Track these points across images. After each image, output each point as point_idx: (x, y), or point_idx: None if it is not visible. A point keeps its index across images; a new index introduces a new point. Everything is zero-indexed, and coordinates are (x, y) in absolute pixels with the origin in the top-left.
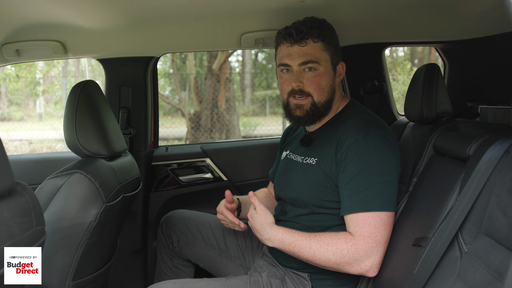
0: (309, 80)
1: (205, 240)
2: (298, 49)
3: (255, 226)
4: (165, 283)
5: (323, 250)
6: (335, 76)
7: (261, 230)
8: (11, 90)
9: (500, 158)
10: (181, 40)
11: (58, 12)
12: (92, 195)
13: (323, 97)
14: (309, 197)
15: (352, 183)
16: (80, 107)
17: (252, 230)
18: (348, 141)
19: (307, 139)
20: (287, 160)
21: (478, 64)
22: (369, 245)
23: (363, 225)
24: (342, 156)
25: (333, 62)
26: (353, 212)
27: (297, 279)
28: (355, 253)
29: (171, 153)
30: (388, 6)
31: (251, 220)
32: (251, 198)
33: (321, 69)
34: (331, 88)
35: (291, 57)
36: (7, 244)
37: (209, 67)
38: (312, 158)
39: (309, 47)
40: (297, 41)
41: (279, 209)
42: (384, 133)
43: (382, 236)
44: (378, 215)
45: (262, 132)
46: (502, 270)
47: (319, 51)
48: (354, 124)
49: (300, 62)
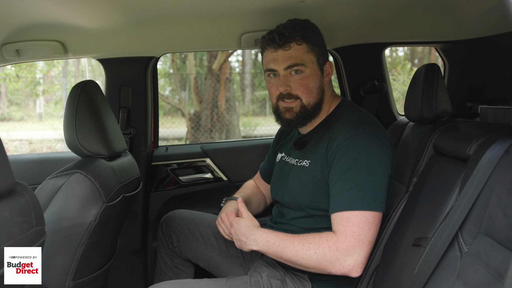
0: (296, 83)
1: (205, 240)
2: (282, 53)
3: (241, 229)
4: (165, 283)
5: (305, 249)
6: (323, 76)
7: (247, 232)
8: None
9: (500, 158)
10: (181, 40)
11: (58, 12)
12: (92, 195)
13: (312, 98)
14: (304, 200)
15: (339, 182)
16: (80, 107)
17: (236, 235)
18: (338, 140)
19: (301, 142)
20: (283, 163)
21: (478, 64)
22: (351, 244)
23: (346, 224)
24: (331, 155)
25: (320, 63)
26: (338, 211)
27: (297, 279)
28: (336, 251)
29: (171, 153)
30: (388, 6)
31: (236, 225)
32: (239, 204)
33: (308, 71)
34: (320, 89)
35: (276, 62)
36: (7, 244)
37: (209, 67)
38: (306, 161)
39: (293, 50)
40: (281, 45)
41: (276, 211)
42: (374, 132)
43: (366, 236)
44: (363, 214)
45: (262, 132)
46: (502, 270)
47: (303, 53)
48: (344, 124)
49: (285, 66)
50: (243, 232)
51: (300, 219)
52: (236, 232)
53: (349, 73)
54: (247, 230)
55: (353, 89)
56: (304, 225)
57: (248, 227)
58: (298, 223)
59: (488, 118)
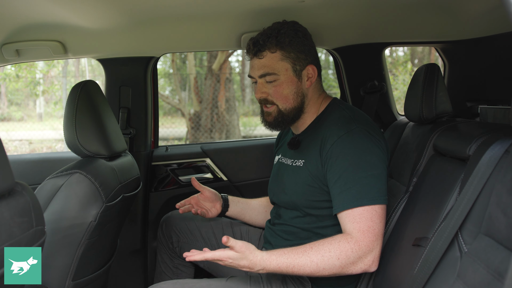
0: (271, 90)
1: (205, 240)
2: (257, 61)
3: (241, 264)
4: (165, 283)
5: (326, 259)
6: (301, 81)
7: (250, 265)
8: (11, 90)
9: (500, 158)
10: (181, 40)
11: (58, 12)
12: (92, 195)
13: (288, 104)
14: (300, 199)
15: (340, 180)
16: (80, 107)
17: (240, 269)
18: (332, 139)
19: (295, 142)
20: (279, 164)
21: (478, 64)
22: (370, 239)
23: (360, 220)
24: (327, 155)
25: (296, 69)
26: (347, 209)
27: (297, 279)
28: (359, 251)
29: (171, 153)
30: (388, 6)
31: (233, 261)
32: (226, 244)
33: (282, 78)
34: (296, 95)
35: (252, 69)
36: (7, 244)
37: (209, 67)
38: (300, 160)
39: (267, 59)
40: (255, 54)
41: (274, 212)
42: (367, 128)
43: (380, 229)
44: (373, 208)
45: (262, 132)
46: (502, 270)
47: (276, 62)
48: (336, 122)
49: (259, 75)
50: (247, 265)
51: (297, 219)
52: (234, 265)
53: (349, 73)
54: (250, 263)
55: (353, 89)
56: (302, 225)
57: (249, 260)
58: (295, 223)
59: (488, 118)
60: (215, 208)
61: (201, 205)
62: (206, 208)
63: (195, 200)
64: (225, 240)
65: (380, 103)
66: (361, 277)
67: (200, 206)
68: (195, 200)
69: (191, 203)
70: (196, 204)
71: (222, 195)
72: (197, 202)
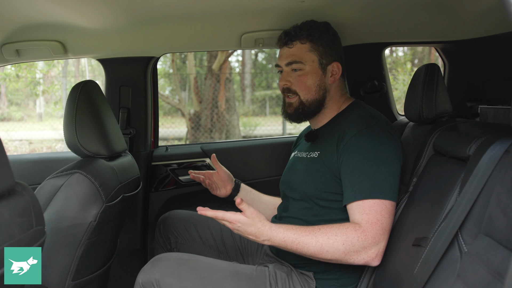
0: (295, 79)
1: (203, 241)
2: (286, 50)
3: (249, 230)
4: (171, 254)
5: (332, 242)
6: (325, 76)
7: (257, 233)
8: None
9: (500, 158)
10: (181, 40)
11: (58, 12)
12: (92, 195)
13: (309, 95)
14: (310, 189)
15: (355, 172)
16: (80, 107)
17: (244, 236)
18: (351, 132)
19: (313, 135)
20: (294, 159)
21: (478, 64)
22: (377, 232)
23: (370, 212)
24: (344, 147)
25: (322, 62)
26: (358, 200)
27: (302, 276)
28: (364, 241)
29: (171, 153)
30: (388, 6)
31: (241, 225)
32: (238, 206)
33: (307, 69)
34: (319, 87)
35: (280, 58)
36: (7, 244)
37: (209, 67)
38: (316, 152)
39: (296, 49)
40: (285, 43)
41: (281, 206)
42: (386, 127)
43: (388, 224)
44: (383, 202)
45: (262, 132)
46: (502, 270)
47: (305, 52)
48: (356, 118)
49: (286, 63)
50: (253, 233)
51: (305, 210)
52: (245, 233)
53: (349, 73)
54: (257, 231)
55: (353, 89)
56: (309, 218)
57: (256, 227)
58: (302, 215)
59: (488, 118)
60: (225, 188)
61: (213, 180)
62: (216, 185)
63: (208, 174)
64: (239, 201)
65: (380, 103)
66: (361, 277)
67: (212, 180)
68: (209, 174)
69: (204, 175)
70: (208, 177)
71: (236, 180)
72: (209, 176)
